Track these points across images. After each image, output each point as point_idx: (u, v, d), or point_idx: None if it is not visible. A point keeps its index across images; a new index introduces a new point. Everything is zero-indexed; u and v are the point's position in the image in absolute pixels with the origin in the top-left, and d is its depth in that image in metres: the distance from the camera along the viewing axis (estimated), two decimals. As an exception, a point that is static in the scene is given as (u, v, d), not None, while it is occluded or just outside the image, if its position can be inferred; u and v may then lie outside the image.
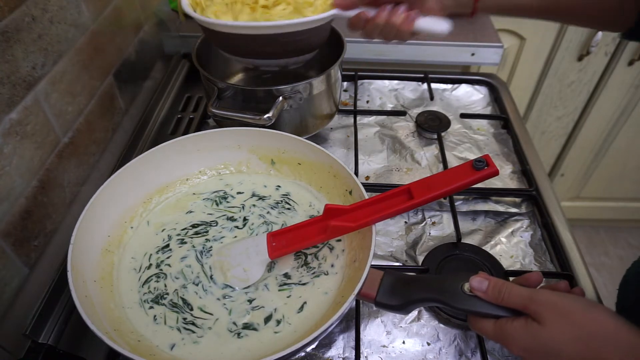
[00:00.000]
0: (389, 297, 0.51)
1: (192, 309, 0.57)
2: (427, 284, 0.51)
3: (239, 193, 0.70)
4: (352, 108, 0.94)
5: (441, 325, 0.61)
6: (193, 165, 0.71)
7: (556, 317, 0.41)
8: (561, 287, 0.48)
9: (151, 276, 0.60)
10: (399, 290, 0.52)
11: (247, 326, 0.55)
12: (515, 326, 0.43)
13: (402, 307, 0.51)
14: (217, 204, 0.69)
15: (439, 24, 0.63)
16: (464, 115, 0.94)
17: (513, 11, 0.65)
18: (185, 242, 0.64)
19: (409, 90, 1.01)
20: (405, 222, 0.75)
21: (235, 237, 0.65)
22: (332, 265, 0.61)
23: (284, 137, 0.69)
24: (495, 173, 0.52)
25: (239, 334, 0.54)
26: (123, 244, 0.63)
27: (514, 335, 0.43)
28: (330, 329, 0.50)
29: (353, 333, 0.60)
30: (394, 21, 0.61)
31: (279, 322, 0.56)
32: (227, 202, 0.69)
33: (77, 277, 0.52)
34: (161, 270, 0.61)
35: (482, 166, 0.52)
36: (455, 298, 0.47)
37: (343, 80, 1.02)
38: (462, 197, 0.77)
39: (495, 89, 1.01)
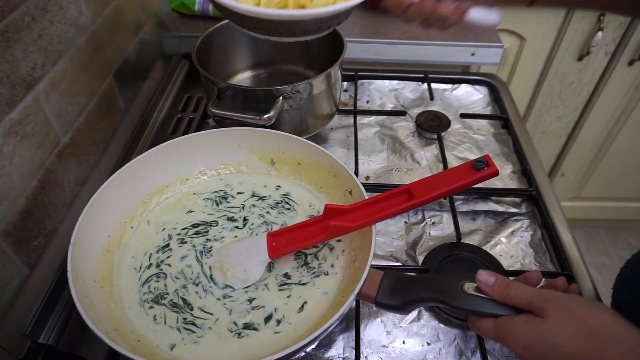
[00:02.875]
0: (389, 297, 0.51)
1: (192, 309, 0.57)
2: (427, 284, 0.51)
3: (239, 193, 0.70)
4: (352, 108, 0.94)
5: (441, 325, 0.61)
6: (193, 165, 0.71)
7: (559, 312, 0.41)
8: (559, 283, 0.49)
9: (151, 276, 0.60)
10: (399, 290, 0.52)
11: (247, 326, 0.55)
12: (516, 322, 0.43)
13: (402, 307, 0.51)
14: (217, 204, 0.69)
15: (490, 16, 0.59)
16: (464, 115, 0.94)
17: (574, 2, 0.59)
18: (186, 242, 0.64)
19: (409, 90, 1.01)
20: (405, 222, 0.75)
21: (236, 237, 0.65)
22: (332, 265, 0.61)
23: (284, 137, 0.69)
24: (496, 173, 0.52)
25: (239, 333, 0.54)
26: (123, 244, 0.63)
27: (514, 332, 0.43)
28: (330, 329, 0.50)
29: (353, 333, 0.60)
30: (442, 11, 0.57)
31: (279, 322, 0.56)
32: (227, 202, 0.69)
33: (77, 277, 0.52)
34: (161, 270, 0.61)
35: (482, 166, 0.52)
36: (455, 298, 0.47)
37: (343, 80, 1.02)
38: (462, 197, 0.77)
39: (495, 89, 1.01)
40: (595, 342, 0.40)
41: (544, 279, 0.52)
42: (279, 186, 0.71)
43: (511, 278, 0.48)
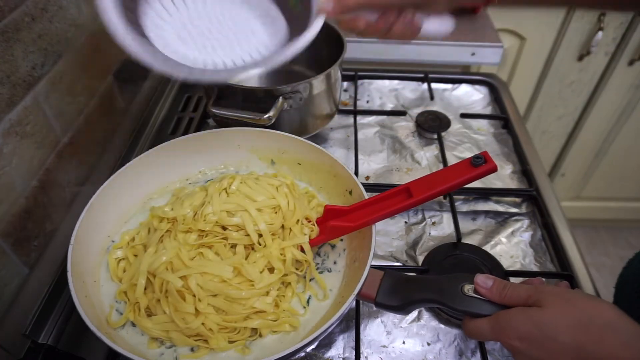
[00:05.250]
0: (389, 298, 0.51)
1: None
2: (426, 285, 0.51)
3: (239, 193, 0.70)
4: (352, 108, 0.94)
5: (441, 325, 0.61)
6: (193, 165, 0.71)
7: (558, 302, 0.41)
8: (562, 286, 0.49)
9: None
10: (399, 290, 0.51)
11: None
12: (512, 312, 0.43)
13: (402, 308, 0.51)
14: (217, 204, 0.68)
15: (444, 25, 0.60)
16: (464, 115, 0.94)
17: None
18: (185, 242, 0.64)
19: (409, 90, 1.01)
20: (405, 222, 0.75)
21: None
22: (335, 263, 0.61)
23: (284, 137, 0.69)
24: (494, 169, 0.52)
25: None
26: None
27: (510, 322, 0.42)
28: (330, 329, 0.50)
29: (353, 333, 0.60)
30: (397, 29, 0.58)
31: (279, 322, 0.55)
32: (227, 202, 0.69)
33: (77, 277, 0.52)
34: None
35: (481, 162, 0.52)
36: (454, 299, 0.47)
37: (343, 80, 1.02)
38: (462, 197, 0.77)
39: (495, 89, 1.01)
40: (594, 333, 0.39)
41: (544, 280, 0.52)
42: (279, 186, 0.71)
43: (512, 279, 0.48)
